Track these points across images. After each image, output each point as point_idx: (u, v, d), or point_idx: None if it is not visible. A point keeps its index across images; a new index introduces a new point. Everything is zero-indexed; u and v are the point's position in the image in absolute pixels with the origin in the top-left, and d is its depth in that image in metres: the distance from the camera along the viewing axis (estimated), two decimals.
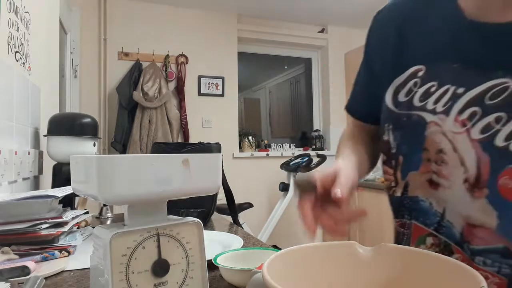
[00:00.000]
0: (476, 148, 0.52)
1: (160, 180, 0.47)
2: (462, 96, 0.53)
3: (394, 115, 0.62)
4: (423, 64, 0.59)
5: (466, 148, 0.53)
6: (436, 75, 0.57)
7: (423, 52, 0.59)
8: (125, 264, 0.45)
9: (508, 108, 0.49)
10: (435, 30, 0.58)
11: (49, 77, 1.65)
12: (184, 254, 0.50)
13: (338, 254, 0.45)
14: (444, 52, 0.56)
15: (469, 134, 0.52)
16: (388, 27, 0.66)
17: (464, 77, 0.54)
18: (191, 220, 0.52)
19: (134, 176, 0.45)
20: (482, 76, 0.52)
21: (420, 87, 0.58)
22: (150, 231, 0.48)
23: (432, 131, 0.57)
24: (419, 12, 0.62)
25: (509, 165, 0.49)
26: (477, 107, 0.52)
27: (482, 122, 0.51)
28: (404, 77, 0.61)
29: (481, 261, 0.54)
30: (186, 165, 0.49)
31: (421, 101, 0.58)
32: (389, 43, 0.65)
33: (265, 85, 4.29)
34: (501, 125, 0.50)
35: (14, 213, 0.82)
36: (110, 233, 0.45)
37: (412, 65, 0.60)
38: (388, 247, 0.44)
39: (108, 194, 0.44)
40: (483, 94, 0.51)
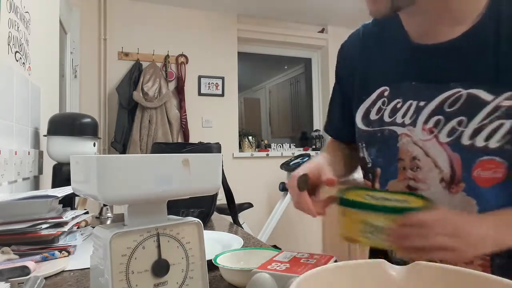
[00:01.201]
0: (446, 150, 0.60)
1: (160, 180, 0.47)
2: (425, 108, 0.62)
3: (367, 133, 0.71)
4: (387, 85, 0.68)
5: (437, 152, 0.61)
6: (400, 93, 0.65)
7: (384, 74, 0.68)
8: (125, 264, 0.45)
9: (466, 112, 0.58)
10: (391, 54, 0.68)
11: (49, 77, 1.65)
12: (184, 254, 0.50)
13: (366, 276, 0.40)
14: (401, 73, 0.66)
15: (437, 139, 0.60)
16: (354, 56, 0.76)
17: (422, 92, 0.62)
18: (191, 220, 0.52)
19: (134, 176, 0.45)
20: (437, 90, 0.60)
21: (388, 105, 0.67)
22: (150, 231, 0.48)
23: (404, 142, 0.64)
24: (376, 39, 0.72)
25: (479, 159, 0.57)
26: (439, 115, 0.60)
27: (447, 127, 0.59)
28: (373, 98, 0.69)
29: None
30: (186, 165, 0.49)
31: (390, 116, 0.66)
32: (356, 69, 0.74)
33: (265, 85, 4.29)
34: (463, 127, 0.58)
35: (14, 213, 0.82)
36: (110, 233, 0.45)
37: (377, 87, 0.69)
38: (425, 266, 0.39)
39: (108, 194, 0.44)
40: (442, 103, 0.60)
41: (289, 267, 0.54)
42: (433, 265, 0.39)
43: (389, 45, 0.69)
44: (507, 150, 0.55)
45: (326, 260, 0.57)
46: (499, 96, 0.55)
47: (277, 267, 0.54)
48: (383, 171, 0.68)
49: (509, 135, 0.55)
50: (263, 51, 3.82)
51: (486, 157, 0.57)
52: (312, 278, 0.37)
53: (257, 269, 0.54)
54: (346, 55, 0.79)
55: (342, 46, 0.81)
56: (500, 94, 0.55)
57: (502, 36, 0.56)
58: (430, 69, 0.62)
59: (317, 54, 3.99)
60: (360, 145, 0.73)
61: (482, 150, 0.57)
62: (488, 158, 0.56)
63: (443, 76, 0.60)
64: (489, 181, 0.57)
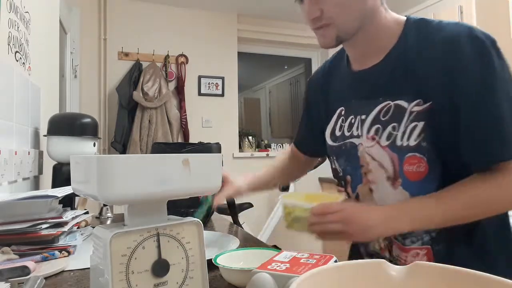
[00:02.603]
0: (387, 151, 0.72)
1: (160, 180, 0.47)
2: (366, 121, 0.76)
3: (335, 147, 0.84)
4: (342, 105, 0.82)
5: (381, 154, 0.73)
6: (351, 110, 0.80)
7: (339, 97, 0.84)
8: (125, 264, 0.45)
9: (396, 119, 0.71)
10: (341, 80, 0.85)
11: (49, 77, 1.65)
12: (184, 254, 0.50)
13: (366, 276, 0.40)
14: (348, 94, 0.81)
15: (379, 144, 0.73)
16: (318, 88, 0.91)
17: (362, 108, 0.77)
18: (191, 220, 0.52)
19: (134, 176, 0.45)
20: (372, 105, 0.74)
21: (345, 122, 0.81)
22: (150, 231, 0.47)
23: (361, 151, 0.77)
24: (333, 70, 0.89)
25: (405, 156, 0.69)
26: (378, 124, 0.73)
27: (385, 133, 0.72)
28: (335, 117, 0.84)
29: (410, 241, 0.74)
30: (186, 165, 0.49)
31: (348, 131, 0.80)
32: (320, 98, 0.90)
33: (265, 85, 4.29)
34: (396, 130, 0.70)
35: (14, 213, 0.82)
36: (110, 233, 0.45)
37: (337, 108, 0.84)
38: (425, 266, 0.39)
39: (108, 194, 0.44)
40: (378, 115, 0.73)
41: (289, 267, 0.54)
42: (433, 265, 0.39)
43: (340, 73, 0.86)
44: (423, 146, 0.68)
45: (326, 260, 0.57)
46: (411, 103, 0.69)
47: (277, 267, 0.54)
48: (352, 178, 0.81)
49: (423, 133, 0.68)
50: (263, 51, 3.82)
51: (410, 153, 0.69)
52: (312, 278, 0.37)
53: (257, 269, 0.54)
54: (313, 87, 0.95)
55: (310, 80, 0.98)
56: (411, 101, 0.69)
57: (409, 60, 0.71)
58: (364, 88, 0.77)
59: (317, 54, 3.99)
60: (331, 158, 0.87)
61: (407, 148, 0.69)
62: (411, 155, 0.69)
63: (374, 93, 0.74)
64: (416, 175, 0.69)
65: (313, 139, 0.97)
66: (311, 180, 3.59)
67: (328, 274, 0.39)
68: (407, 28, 0.73)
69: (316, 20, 0.72)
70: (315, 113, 0.93)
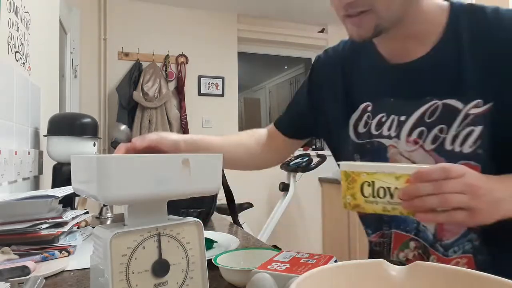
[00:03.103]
0: (433, 155, 0.64)
1: (160, 180, 0.47)
2: (406, 123, 0.67)
3: (358, 145, 0.75)
4: (369, 101, 0.73)
5: (424, 159, 0.65)
6: (382, 108, 0.71)
7: (365, 91, 0.74)
8: (125, 264, 0.45)
9: (445, 120, 0.63)
10: (368, 73, 0.74)
11: (49, 77, 1.65)
12: (184, 254, 0.50)
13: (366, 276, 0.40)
14: (380, 91, 0.71)
15: (423, 147, 0.65)
16: (335, 73, 0.79)
17: (401, 108, 0.68)
18: (191, 220, 0.52)
19: (134, 176, 0.45)
20: (415, 105, 0.66)
21: (373, 119, 0.72)
22: (150, 231, 0.47)
23: (392, 153, 0.69)
24: (354, 59, 0.77)
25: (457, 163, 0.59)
26: (422, 127, 0.65)
27: (430, 135, 0.64)
28: (359, 112, 0.74)
29: (452, 251, 0.66)
30: (186, 165, 0.49)
31: (377, 129, 0.71)
32: (338, 86, 0.78)
33: (265, 85, 4.29)
34: (445, 133, 0.63)
35: (14, 213, 0.82)
36: (111, 233, 0.45)
37: (361, 102, 0.74)
38: (425, 266, 0.39)
39: (107, 194, 0.44)
40: (422, 116, 0.65)
41: (289, 267, 0.54)
42: (433, 265, 0.39)
43: (367, 65, 0.74)
44: (479, 154, 0.60)
45: (326, 260, 0.57)
46: (467, 105, 0.61)
47: (277, 267, 0.54)
48: None
49: (479, 140, 0.60)
50: (263, 51, 3.82)
51: (462, 161, 0.61)
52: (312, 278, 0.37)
53: (257, 269, 0.54)
54: (324, 68, 0.83)
55: (319, 60, 0.86)
56: (468, 102, 0.61)
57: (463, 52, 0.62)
58: (405, 86, 0.67)
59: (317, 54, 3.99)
60: (355, 156, 0.77)
61: (459, 154, 0.62)
62: (464, 162, 0.60)
63: (418, 91, 0.65)
64: None
65: (300, 120, 0.88)
66: (311, 180, 3.59)
67: (328, 274, 0.39)
68: (453, 14, 0.64)
69: (351, 5, 0.59)
70: (317, 95, 0.83)
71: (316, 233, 3.67)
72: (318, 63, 0.86)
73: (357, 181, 0.53)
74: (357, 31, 0.62)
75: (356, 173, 0.53)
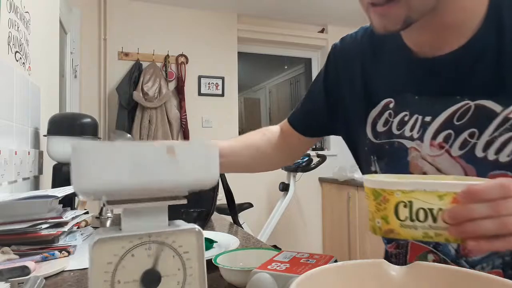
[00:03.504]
0: (460, 162, 0.57)
1: (140, 170, 0.42)
2: (431, 124, 0.60)
3: (376, 145, 0.68)
4: (391, 97, 0.65)
5: (450, 165, 0.58)
6: (405, 106, 0.63)
7: (387, 86, 0.66)
8: (111, 272, 0.41)
9: (477, 124, 0.56)
10: (392, 66, 0.66)
11: (49, 77, 1.65)
12: (180, 265, 0.45)
13: (366, 276, 0.39)
14: (404, 86, 0.63)
15: (449, 153, 0.58)
16: (353, 64, 0.72)
17: (427, 107, 0.60)
18: (191, 227, 0.46)
19: (112, 164, 0.40)
20: (443, 104, 0.58)
21: (395, 117, 0.65)
22: (142, 237, 0.43)
23: (413, 156, 0.62)
24: (376, 49, 0.69)
25: (490, 173, 0.55)
26: (449, 130, 0.58)
27: (458, 140, 0.57)
28: (379, 108, 0.67)
29: (480, 267, 0.59)
30: (172, 154, 0.43)
31: (398, 129, 0.64)
32: (356, 79, 0.71)
33: (265, 85, 4.29)
34: (476, 139, 0.56)
35: (14, 213, 0.82)
36: (97, 237, 0.41)
37: (382, 98, 0.66)
38: (425, 266, 0.39)
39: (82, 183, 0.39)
40: (450, 118, 0.58)
41: (289, 267, 0.54)
42: (433, 265, 0.39)
43: (390, 57, 0.66)
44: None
45: (326, 260, 0.57)
46: (507, 108, 0.53)
47: (277, 267, 0.54)
48: None
49: None
50: (263, 51, 3.82)
51: (497, 171, 0.54)
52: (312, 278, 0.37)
53: (257, 269, 0.54)
54: (343, 58, 0.75)
55: (335, 48, 0.78)
56: (508, 105, 0.53)
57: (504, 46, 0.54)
58: (432, 82, 0.60)
59: (317, 54, 3.99)
60: (371, 158, 0.69)
61: (494, 163, 0.54)
62: (499, 172, 0.54)
63: (447, 89, 0.58)
64: None
65: (316, 116, 0.80)
66: (311, 180, 3.59)
67: (328, 274, 0.39)
68: (494, 2, 0.55)
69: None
70: (335, 88, 0.76)
71: (316, 233, 3.67)
72: (334, 53, 0.78)
73: (390, 201, 0.42)
74: (382, 22, 0.54)
75: (388, 192, 0.42)
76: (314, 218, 3.67)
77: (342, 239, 3.32)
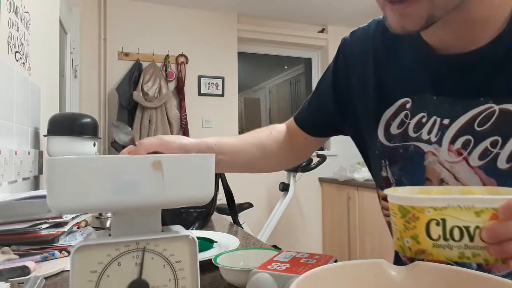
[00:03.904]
0: (479, 174, 0.52)
1: (122, 186, 0.39)
2: (450, 127, 0.55)
3: (389, 149, 0.63)
4: (408, 97, 0.60)
5: (468, 176, 0.53)
6: (423, 106, 0.58)
7: (404, 85, 0.61)
8: (95, 281, 0.39)
9: (502, 131, 0.50)
10: (409, 63, 0.60)
11: (49, 77, 1.65)
12: (172, 275, 0.42)
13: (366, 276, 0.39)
14: (422, 85, 0.58)
15: (467, 162, 0.53)
16: (364, 61, 0.66)
17: (445, 108, 0.55)
18: (184, 234, 0.43)
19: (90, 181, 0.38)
20: (464, 106, 0.53)
21: (412, 119, 0.59)
22: (129, 244, 0.40)
23: (430, 161, 0.57)
24: (390, 45, 0.63)
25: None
26: (468, 135, 0.53)
27: (478, 148, 0.52)
28: (394, 109, 0.62)
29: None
30: (158, 169, 0.40)
31: (415, 131, 0.59)
32: (369, 75, 0.66)
33: (265, 85, 4.29)
34: (498, 148, 0.50)
35: (14, 213, 0.82)
36: (80, 243, 0.39)
37: (398, 98, 0.61)
38: (425, 266, 0.38)
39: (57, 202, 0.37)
40: (471, 122, 0.52)
41: (289, 267, 0.54)
42: (433, 265, 0.39)
43: (407, 53, 0.61)
44: None
45: (326, 260, 0.57)
46: None
47: (277, 267, 0.54)
48: None
49: None
50: (263, 51, 3.82)
51: None
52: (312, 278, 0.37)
53: (257, 269, 0.54)
54: (354, 53, 0.69)
55: (347, 42, 0.72)
56: None
57: None
58: (454, 82, 0.54)
59: (317, 54, 3.99)
60: (382, 162, 0.64)
61: None
62: None
63: (470, 90, 0.53)
64: None
65: (324, 115, 0.75)
66: (311, 180, 3.59)
67: (328, 274, 0.39)
68: None
69: None
70: (345, 85, 0.71)
71: (316, 233, 3.67)
72: (344, 48, 0.72)
73: (421, 219, 0.39)
74: (401, 22, 0.48)
75: (418, 209, 0.39)
76: (314, 218, 3.67)
77: (342, 239, 3.32)
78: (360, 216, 3.08)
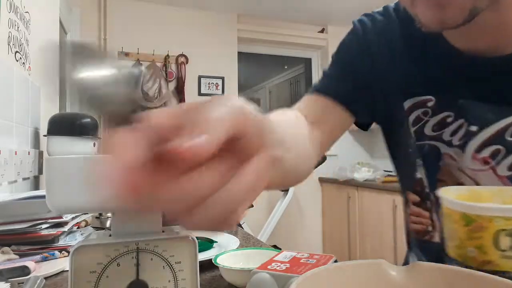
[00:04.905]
0: (507, 184, 0.50)
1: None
2: (478, 135, 0.51)
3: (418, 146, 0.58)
4: (432, 95, 0.56)
5: (493, 184, 0.51)
6: (449, 106, 0.54)
7: (428, 83, 0.56)
8: (94, 282, 0.39)
9: None
10: (432, 61, 0.56)
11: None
12: (172, 276, 0.42)
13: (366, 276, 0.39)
14: (450, 86, 0.54)
15: (495, 171, 0.51)
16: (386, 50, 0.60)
17: (474, 114, 0.52)
18: (184, 235, 0.43)
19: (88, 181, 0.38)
20: (496, 113, 0.50)
21: (433, 117, 0.56)
22: (128, 245, 0.40)
23: (448, 163, 0.54)
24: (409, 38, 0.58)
25: None
26: (498, 145, 0.50)
27: (509, 159, 0.50)
28: (410, 103, 0.57)
29: None
30: None
31: (435, 130, 0.55)
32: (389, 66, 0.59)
33: (265, 85, 4.29)
34: None
35: (14, 213, 0.82)
36: (80, 243, 0.39)
37: (420, 94, 0.57)
38: (425, 266, 0.38)
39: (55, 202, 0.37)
40: (502, 131, 0.50)
41: (289, 267, 0.54)
42: (433, 265, 0.39)
43: (429, 50, 0.56)
44: None
45: (326, 260, 0.57)
46: None
47: (277, 267, 0.54)
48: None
49: None
50: (263, 51, 3.82)
51: None
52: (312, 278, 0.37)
53: (257, 269, 0.54)
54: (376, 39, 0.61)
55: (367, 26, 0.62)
56: None
57: None
58: (486, 86, 0.51)
59: (317, 54, 3.99)
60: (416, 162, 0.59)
61: None
62: None
63: (504, 97, 0.50)
64: None
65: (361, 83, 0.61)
66: (311, 180, 3.59)
67: (328, 274, 0.39)
68: None
69: None
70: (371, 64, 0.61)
71: (316, 233, 3.67)
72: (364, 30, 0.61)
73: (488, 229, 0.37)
74: (438, 16, 0.41)
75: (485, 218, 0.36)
76: (314, 218, 3.67)
77: (342, 239, 3.32)
78: (360, 216, 3.08)
